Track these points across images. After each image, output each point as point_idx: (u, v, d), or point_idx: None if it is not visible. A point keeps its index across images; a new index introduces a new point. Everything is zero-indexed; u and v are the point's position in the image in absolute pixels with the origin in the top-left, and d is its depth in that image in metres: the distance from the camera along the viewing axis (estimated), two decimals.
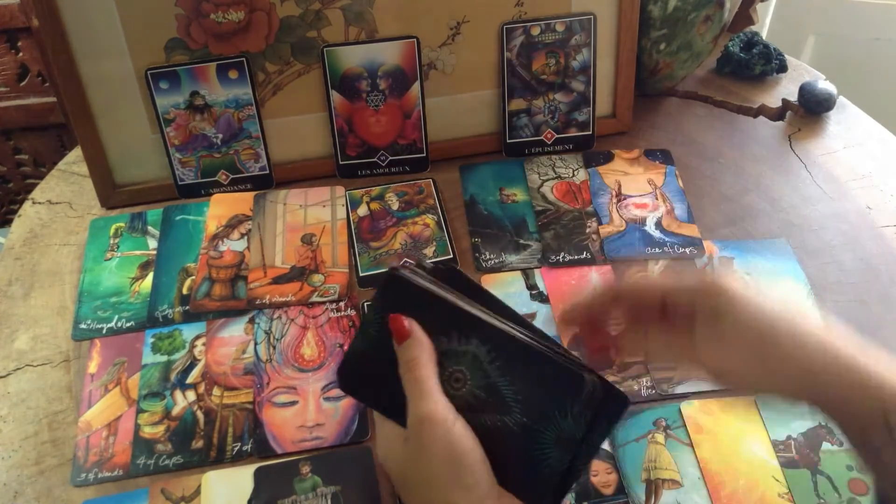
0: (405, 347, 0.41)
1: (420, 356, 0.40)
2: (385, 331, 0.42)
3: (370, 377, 0.44)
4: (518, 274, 0.72)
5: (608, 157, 0.84)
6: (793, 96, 0.90)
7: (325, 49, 0.78)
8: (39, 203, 0.82)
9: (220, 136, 0.79)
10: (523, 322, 0.41)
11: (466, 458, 0.39)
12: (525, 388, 0.39)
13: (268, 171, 0.81)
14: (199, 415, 0.62)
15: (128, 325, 0.69)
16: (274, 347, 0.67)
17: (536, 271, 0.72)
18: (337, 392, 0.64)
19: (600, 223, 0.77)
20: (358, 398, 0.47)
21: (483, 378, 0.40)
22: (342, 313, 0.69)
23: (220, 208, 0.79)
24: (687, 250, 0.74)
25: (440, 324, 0.41)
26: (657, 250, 0.74)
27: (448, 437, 0.39)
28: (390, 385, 0.42)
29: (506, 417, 0.39)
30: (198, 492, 0.58)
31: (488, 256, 0.74)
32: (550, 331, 0.49)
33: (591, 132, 0.84)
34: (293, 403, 0.63)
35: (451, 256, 0.74)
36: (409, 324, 0.41)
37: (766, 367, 0.40)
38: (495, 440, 0.40)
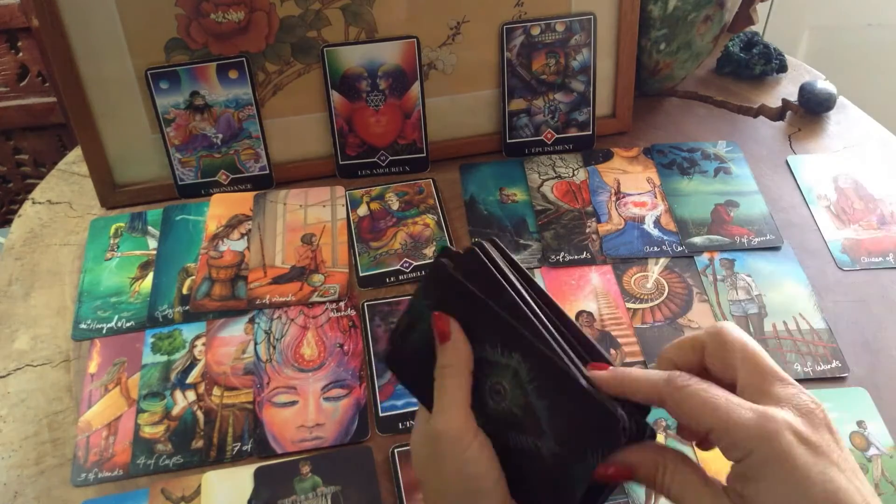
0: (443, 350, 0.39)
1: (454, 364, 0.39)
2: (430, 321, 0.40)
3: (411, 361, 0.42)
4: None
5: (607, 156, 0.84)
6: (793, 96, 0.90)
7: (325, 49, 0.78)
8: (39, 203, 0.82)
9: (221, 136, 0.79)
10: (566, 322, 0.38)
11: (478, 482, 0.37)
12: (560, 418, 0.37)
13: (268, 171, 0.81)
14: (199, 415, 0.62)
15: (128, 325, 0.69)
16: (274, 347, 0.67)
17: (536, 271, 0.72)
18: (337, 392, 0.64)
19: (599, 221, 0.77)
20: (398, 379, 0.44)
21: (522, 396, 0.38)
22: (342, 313, 0.69)
23: (220, 208, 0.79)
24: (684, 249, 0.74)
25: (484, 328, 0.39)
26: (655, 249, 0.74)
27: (462, 457, 0.37)
28: (428, 376, 0.40)
29: (539, 442, 0.37)
30: (198, 492, 0.58)
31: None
32: None
33: (591, 132, 0.84)
34: (293, 403, 0.63)
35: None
36: (452, 326, 0.39)
37: None
38: (524, 460, 0.38)
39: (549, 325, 0.38)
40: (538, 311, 0.38)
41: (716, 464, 0.58)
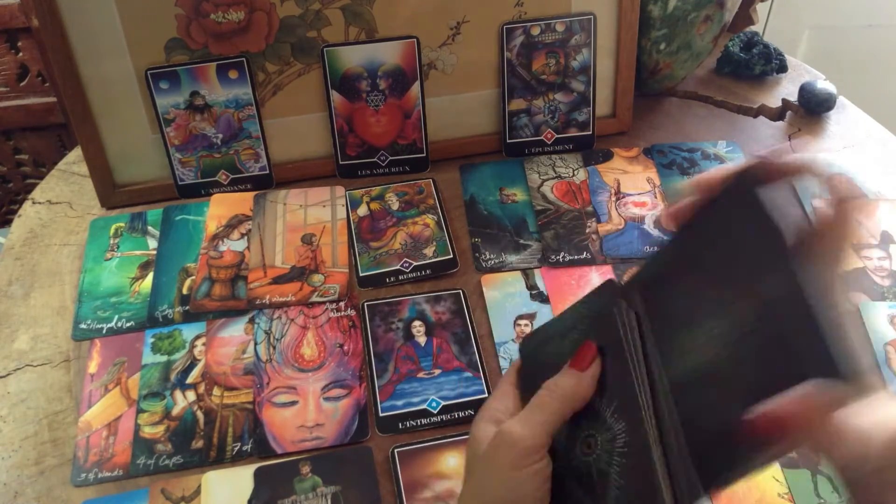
0: (569, 374, 0.38)
1: (568, 393, 0.38)
2: (579, 336, 0.39)
3: (535, 358, 0.41)
4: (518, 274, 0.72)
5: (607, 156, 0.84)
6: (793, 96, 0.90)
7: (325, 49, 0.78)
8: (39, 203, 0.82)
9: (220, 136, 0.79)
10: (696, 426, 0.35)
11: (523, 497, 0.37)
12: (626, 499, 0.36)
13: (268, 171, 0.81)
14: (199, 415, 0.62)
15: (128, 325, 0.69)
16: (274, 347, 0.67)
17: (536, 271, 0.72)
18: (337, 392, 0.64)
19: (599, 221, 0.77)
20: (522, 363, 0.43)
21: (606, 462, 0.37)
22: (342, 313, 0.69)
23: (220, 208, 0.79)
24: None
25: (613, 382, 0.37)
26: (656, 249, 0.74)
27: (520, 472, 0.37)
28: (536, 381, 0.39)
29: None
30: (198, 492, 0.58)
31: (488, 256, 0.74)
32: None
33: (591, 132, 0.84)
34: (293, 403, 0.63)
35: (451, 256, 0.74)
36: (593, 365, 0.38)
37: None
38: None
39: (670, 416, 0.36)
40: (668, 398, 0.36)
41: None
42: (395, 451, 0.60)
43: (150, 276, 0.72)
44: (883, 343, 0.66)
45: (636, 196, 0.79)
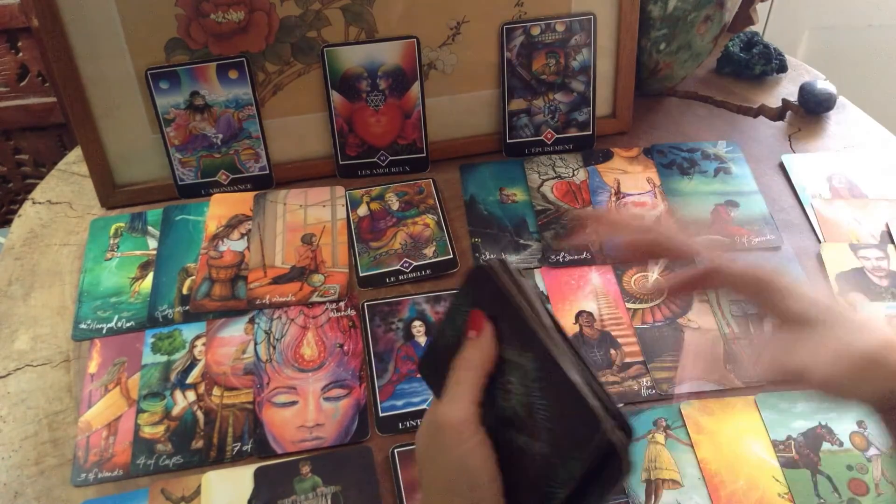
0: (470, 344, 0.40)
1: (474, 358, 0.39)
2: (465, 318, 0.41)
3: (439, 357, 0.43)
4: None
5: (607, 156, 0.84)
6: (793, 96, 0.90)
7: (325, 49, 0.78)
8: (39, 203, 0.82)
9: (220, 136, 0.79)
10: (575, 348, 0.39)
11: (473, 476, 0.38)
12: (555, 418, 0.37)
13: (268, 171, 0.81)
14: (199, 415, 0.62)
15: (128, 325, 0.69)
16: (274, 347, 0.67)
17: (536, 271, 0.72)
18: (337, 392, 0.64)
19: None
20: (428, 385, 0.45)
21: (526, 395, 0.38)
22: (342, 313, 0.69)
23: (220, 208, 0.79)
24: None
25: (509, 329, 0.40)
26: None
27: (461, 449, 0.38)
28: (447, 368, 0.41)
29: (533, 442, 0.38)
30: (198, 492, 0.58)
31: (488, 256, 0.74)
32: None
33: (591, 132, 0.84)
34: (293, 403, 0.63)
35: (451, 256, 0.74)
36: (486, 325, 0.40)
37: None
38: (518, 462, 0.39)
39: (562, 337, 0.39)
40: (553, 322, 0.39)
41: (716, 464, 0.58)
42: (395, 451, 0.60)
43: (150, 276, 0.72)
44: None
45: (636, 196, 0.79)
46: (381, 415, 0.62)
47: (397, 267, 0.73)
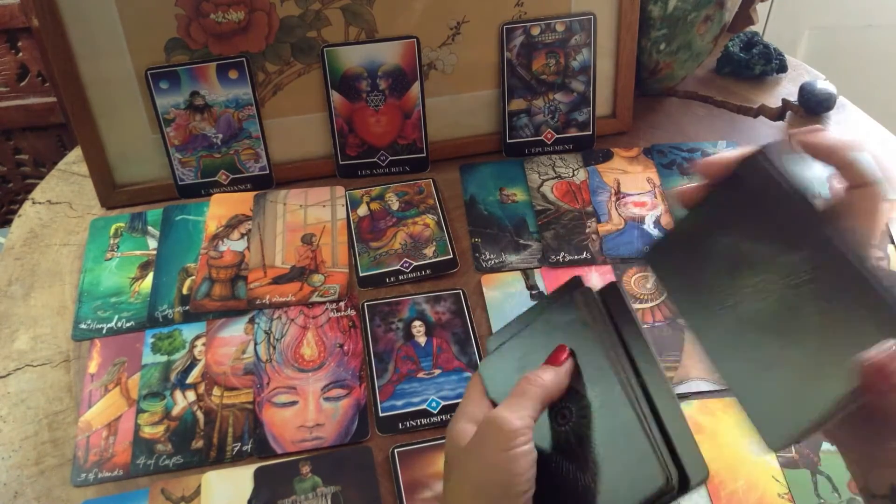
0: (545, 368, 0.41)
1: (546, 381, 0.40)
2: (546, 330, 0.42)
3: (507, 355, 0.44)
4: (518, 274, 0.72)
5: (607, 156, 0.84)
6: (793, 96, 0.90)
7: (325, 49, 0.78)
8: (39, 203, 0.82)
9: (220, 136, 0.79)
10: (662, 386, 0.39)
11: (511, 481, 0.38)
12: (608, 458, 0.38)
13: (268, 171, 0.81)
14: (199, 415, 0.62)
15: (128, 325, 0.69)
16: (274, 347, 0.67)
17: (536, 271, 0.72)
18: (337, 392, 0.64)
19: (599, 221, 0.77)
20: (490, 359, 0.46)
21: (583, 427, 0.39)
22: (342, 313, 0.69)
23: (220, 208, 0.79)
24: None
25: (585, 356, 0.40)
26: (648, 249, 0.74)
27: (507, 452, 0.38)
28: (511, 375, 0.41)
29: (579, 473, 0.38)
30: (198, 492, 0.58)
31: (488, 256, 0.74)
32: None
33: (591, 132, 0.84)
34: (293, 403, 0.63)
35: (451, 256, 0.74)
36: (567, 361, 0.41)
37: None
38: (558, 486, 0.39)
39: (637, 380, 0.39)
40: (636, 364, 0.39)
41: (716, 464, 0.58)
42: (395, 451, 0.60)
43: (150, 276, 0.72)
44: None
45: (636, 196, 0.79)
46: (381, 415, 0.62)
47: (397, 267, 0.73)
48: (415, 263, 0.73)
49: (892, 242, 0.75)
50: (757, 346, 0.36)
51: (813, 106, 0.88)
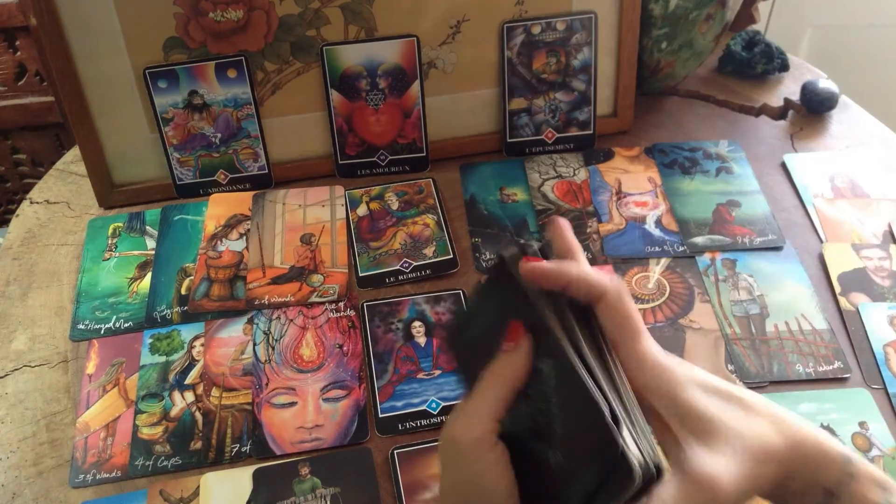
0: (503, 356, 0.39)
1: (504, 374, 0.38)
2: (499, 317, 0.40)
3: (468, 351, 0.43)
4: None
5: (608, 155, 0.83)
6: (795, 95, 0.90)
7: (324, 48, 0.77)
8: (37, 203, 0.81)
9: (219, 135, 0.79)
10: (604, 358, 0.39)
11: (488, 495, 0.37)
12: (573, 429, 0.37)
13: (267, 171, 0.81)
14: (198, 416, 0.62)
15: (126, 325, 0.68)
16: (273, 348, 0.66)
17: None
18: (336, 393, 0.63)
19: (600, 221, 0.76)
20: (456, 362, 0.44)
21: (544, 402, 0.38)
22: (341, 314, 0.69)
23: (218, 208, 0.78)
24: (686, 249, 0.74)
25: (530, 330, 0.39)
26: (657, 249, 0.74)
27: (474, 468, 0.37)
28: (477, 370, 0.40)
29: (549, 451, 0.37)
30: (196, 493, 0.58)
31: (488, 256, 0.73)
32: None
33: (591, 131, 0.84)
34: (292, 404, 0.63)
35: (451, 256, 0.73)
36: (523, 339, 0.38)
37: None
38: (536, 470, 0.38)
39: (588, 349, 0.38)
40: (580, 332, 0.38)
41: None
42: (395, 452, 0.59)
43: (149, 276, 0.72)
44: (882, 344, 0.66)
45: (637, 196, 0.79)
46: (380, 416, 0.62)
47: (397, 267, 0.72)
48: (415, 263, 0.73)
49: (895, 242, 0.74)
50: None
51: (815, 105, 0.88)
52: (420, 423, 0.62)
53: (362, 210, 0.78)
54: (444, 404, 0.63)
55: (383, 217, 0.77)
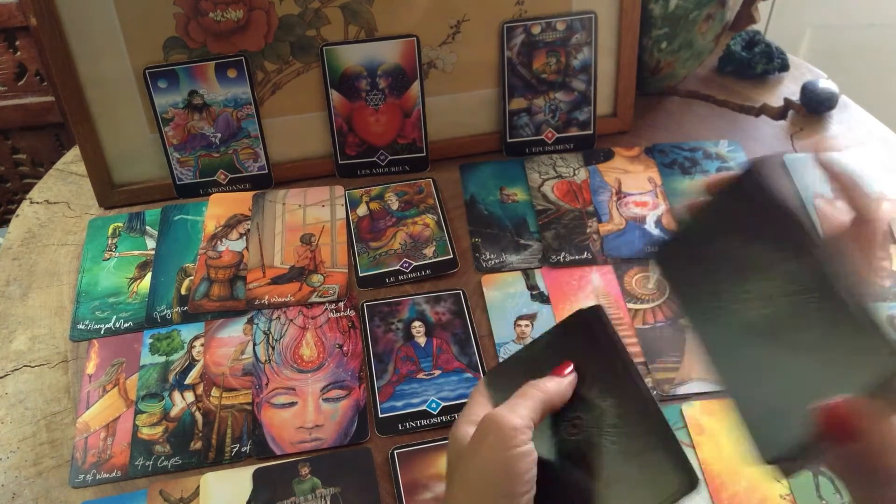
0: (548, 378, 0.42)
1: (549, 388, 0.41)
2: (552, 347, 0.43)
3: (513, 367, 0.45)
4: (518, 274, 0.72)
5: (608, 155, 0.83)
6: (795, 95, 0.90)
7: (324, 48, 0.77)
8: (37, 203, 0.81)
9: (219, 135, 0.79)
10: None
11: (511, 480, 0.38)
12: (621, 465, 0.38)
13: (267, 171, 0.81)
14: (198, 416, 0.62)
15: (126, 325, 0.68)
16: (273, 348, 0.66)
17: (537, 271, 0.72)
18: (336, 393, 0.63)
19: (600, 221, 0.76)
20: (493, 377, 0.47)
21: (596, 436, 0.40)
22: (341, 314, 0.69)
23: (218, 208, 0.78)
24: None
25: (594, 370, 0.41)
26: (657, 249, 0.73)
27: (508, 452, 0.38)
28: (516, 383, 0.42)
29: (589, 481, 0.39)
30: (196, 493, 0.58)
31: (488, 256, 0.73)
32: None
33: (591, 131, 0.84)
34: (292, 404, 0.63)
35: (451, 256, 0.73)
36: (571, 372, 0.42)
37: None
38: (563, 492, 0.39)
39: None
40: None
41: (718, 465, 0.58)
42: (395, 452, 0.59)
43: (149, 276, 0.72)
44: None
45: (637, 196, 0.79)
46: (380, 416, 0.62)
47: (397, 267, 0.72)
48: (414, 263, 0.73)
49: (895, 242, 0.74)
50: (758, 352, 0.36)
51: (815, 105, 0.88)
52: (420, 423, 0.62)
53: (362, 210, 0.78)
54: (444, 404, 0.63)
55: (383, 217, 0.77)
